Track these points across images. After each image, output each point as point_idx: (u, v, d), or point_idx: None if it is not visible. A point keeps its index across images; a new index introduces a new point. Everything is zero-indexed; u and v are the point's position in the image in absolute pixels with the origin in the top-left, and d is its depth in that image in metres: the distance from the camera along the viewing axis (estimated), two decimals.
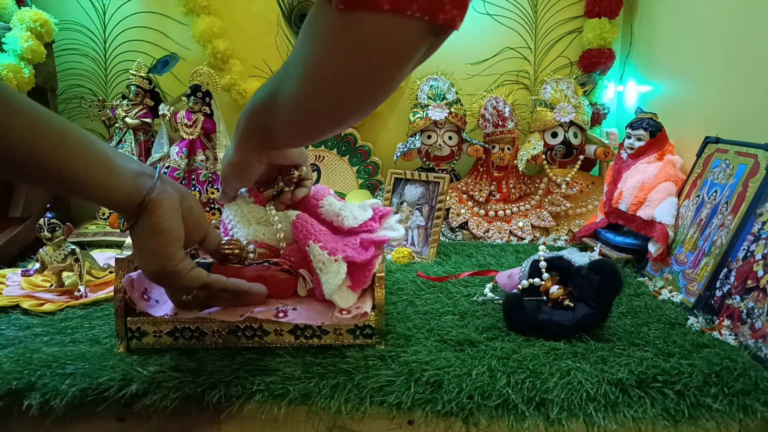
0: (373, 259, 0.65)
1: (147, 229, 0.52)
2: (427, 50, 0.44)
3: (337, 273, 0.61)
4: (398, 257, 0.98)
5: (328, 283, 0.61)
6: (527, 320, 0.68)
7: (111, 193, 0.50)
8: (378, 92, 0.47)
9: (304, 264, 0.66)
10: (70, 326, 0.70)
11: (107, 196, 0.51)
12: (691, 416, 0.55)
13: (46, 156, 0.47)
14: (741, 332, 0.67)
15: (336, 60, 0.43)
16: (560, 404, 0.55)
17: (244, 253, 0.65)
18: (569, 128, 1.19)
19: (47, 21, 1.08)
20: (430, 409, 0.55)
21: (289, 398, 0.56)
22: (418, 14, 0.38)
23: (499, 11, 1.30)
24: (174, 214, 0.53)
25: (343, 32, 0.41)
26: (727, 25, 0.91)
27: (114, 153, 0.53)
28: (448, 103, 1.19)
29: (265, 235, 0.69)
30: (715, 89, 0.95)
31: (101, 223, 1.18)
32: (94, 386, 0.56)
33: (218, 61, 1.25)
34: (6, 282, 0.83)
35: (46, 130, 0.47)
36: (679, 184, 0.93)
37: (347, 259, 0.62)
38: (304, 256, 0.66)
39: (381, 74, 0.44)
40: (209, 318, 0.62)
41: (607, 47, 1.26)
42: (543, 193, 1.22)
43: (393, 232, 0.70)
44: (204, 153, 1.15)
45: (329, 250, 0.62)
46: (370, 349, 0.63)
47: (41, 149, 0.47)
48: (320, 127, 0.53)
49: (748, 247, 0.71)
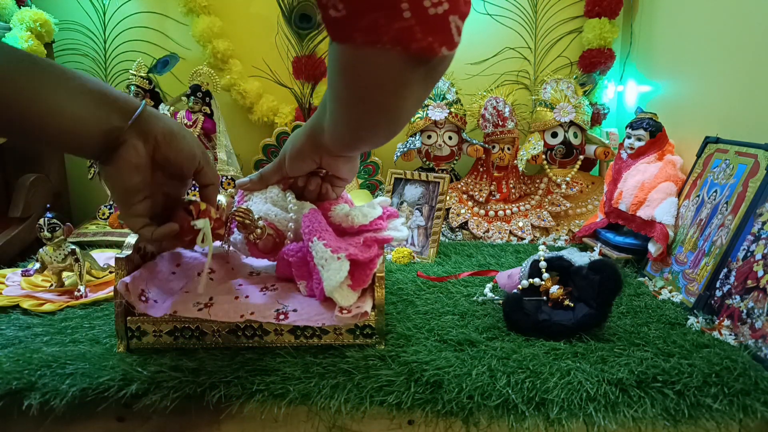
0: (375, 258, 0.65)
1: (107, 175, 0.54)
2: (426, 78, 0.44)
3: (339, 270, 0.61)
4: (398, 257, 0.98)
5: (329, 280, 0.61)
6: (527, 320, 0.68)
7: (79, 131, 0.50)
8: (387, 120, 0.49)
9: (303, 265, 0.66)
10: (70, 326, 0.70)
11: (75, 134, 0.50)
12: (691, 416, 0.55)
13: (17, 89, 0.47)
14: (741, 332, 0.67)
15: (342, 87, 0.47)
16: (560, 404, 0.55)
17: (253, 225, 0.65)
18: (569, 128, 1.19)
19: (47, 21, 1.08)
20: (430, 409, 0.55)
21: (289, 398, 0.56)
22: (389, 45, 0.38)
23: (499, 11, 1.30)
24: (128, 170, 0.53)
25: (337, 62, 0.44)
26: (727, 25, 0.91)
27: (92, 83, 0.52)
28: (448, 103, 1.19)
29: (276, 217, 0.69)
30: (715, 89, 0.95)
31: (101, 223, 1.18)
32: (94, 386, 0.56)
33: (218, 61, 1.25)
34: (6, 282, 0.83)
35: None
36: (679, 184, 0.93)
37: (350, 257, 0.62)
38: (303, 257, 0.66)
39: (380, 102, 0.46)
40: (209, 318, 0.62)
41: (607, 47, 1.26)
42: (543, 193, 1.22)
43: (397, 233, 0.70)
44: None
45: (333, 248, 0.62)
46: (370, 349, 0.63)
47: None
48: (350, 144, 0.58)
49: (748, 247, 0.71)
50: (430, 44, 0.39)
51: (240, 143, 1.26)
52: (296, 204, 0.68)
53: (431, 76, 0.45)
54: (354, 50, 0.41)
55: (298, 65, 1.27)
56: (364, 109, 0.48)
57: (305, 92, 1.28)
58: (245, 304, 0.64)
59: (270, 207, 0.69)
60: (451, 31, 0.39)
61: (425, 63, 0.42)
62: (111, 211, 1.18)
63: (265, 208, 0.69)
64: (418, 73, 0.43)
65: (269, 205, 0.69)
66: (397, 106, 0.47)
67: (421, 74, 0.43)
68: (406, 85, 0.44)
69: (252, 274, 0.73)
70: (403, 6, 0.37)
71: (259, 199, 0.70)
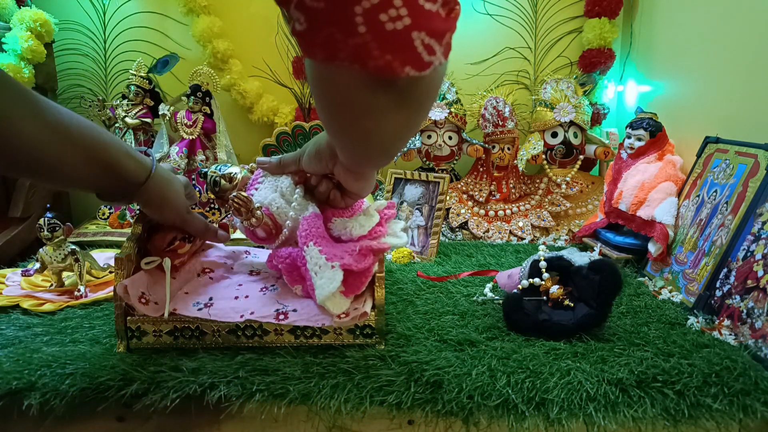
0: (370, 267, 0.63)
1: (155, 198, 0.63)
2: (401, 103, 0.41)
3: (332, 280, 0.59)
4: (398, 257, 0.98)
5: (321, 289, 0.59)
6: (527, 320, 0.68)
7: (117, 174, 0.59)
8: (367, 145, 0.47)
9: (293, 270, 0.66)
10: (70, 326, 0.70)
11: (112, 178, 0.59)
12: (691, 416, 0.55)
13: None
14: (741, 332, 0.67)
15: (317, 103, 0.45)
16: (560, 404, 0.55)
17: (248, 213, 0.65)
18: (569, 128, 1.19)
19: (47, 21, 1.08)
20: (430, 409, 0.56)
21: (289, 398, 0.56)
22: (347, 62, 0.36)
23: (499, 11, 1.30)
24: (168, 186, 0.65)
25: (310, 77, 0.42)
26: (727, 25, 0.91)
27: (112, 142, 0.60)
28: (448, 103, 1.19)
29: (278, 208, 0.68)
30: (715, 89, 0.95)
31: (101, 223, 1.18)
32: (94, 386, 0.56)
33: (218, 61, 1.25)
34: (6, 282, 0.83)
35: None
36: (679, 184, 0.93)
37: (344, 267, 0.60)
38: (293, 262, 0.65)
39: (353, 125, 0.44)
40: (209, 318, 0.62)
41: (607, 47, 1.26)
42: (543, 193, 1.22)
43: (395, 240, 0.69)
44: (204, 153, 1.15)
45: (328, 255, 0.61)
46: (370, 349, 0.63)
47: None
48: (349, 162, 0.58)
49: (748, 247, 0.71)
50: (389, 63, 0.35)
51: (240, 143, 1.26)
52: (300, 203, 0.67)
53: (405, 100, 0.41)
54: (318, 66, 0.39)
55: (298, 65, 1.27)
56: (339, 129, 0.47)
57: (305, 92, 1.28)
58: (245, 304, 0.64)
59: (276, 197, 0.68)
60: (417, 50, 0.35)
61: (390, 84, 0.38)
62: (111, 211, 1.18)
63: (271, 196, 0.68)
64: (385, 95, 0.39)
65: (276, 195, 0.68)
66: (371, 130, 0.43)
67: (392, 98, 0.40)
68: (376, 108, 0.41)
69: (252, 273, 0.73)
70: (358, 20, 0.34)
71: (270, 186, 0.69)
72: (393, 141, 0.46)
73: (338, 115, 0.44)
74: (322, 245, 0.62)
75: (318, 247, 0.62)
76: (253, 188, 0.71)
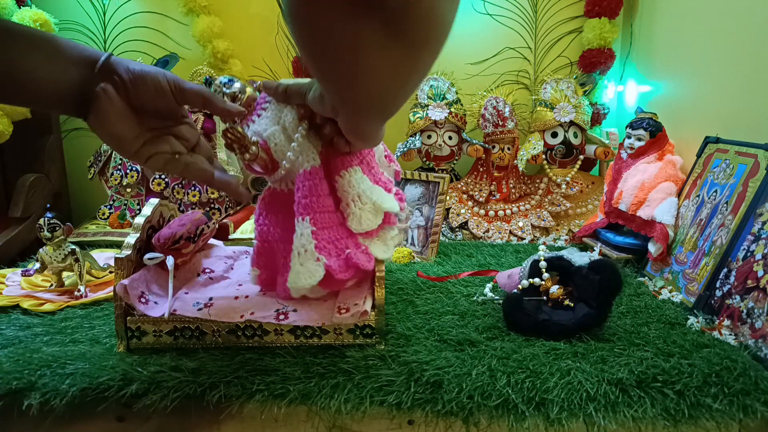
0: (349, 280, 0.63)
1: (92, 127, 0.53)
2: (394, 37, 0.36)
3: (312, 276, 0.58)
4: (398, 257, 0.98)
5: (297, 279, 0.57)
6: (527, 320, 0.68)
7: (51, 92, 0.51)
8: (350, 87, 0.42)
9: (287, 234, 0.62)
10: (70, 326, 0.70)
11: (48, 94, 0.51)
12: (691, 416, 0.55)
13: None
14: (741, 332, 0.67)
15: (297, 42, 0.41)
16: (560, 404, 0.55)
17: (243, 149, 0.59)
18: (569, 128, 1.19)
19: (47, 21, 1.08)
20: (430, 409, 0.55)
21: (289, 398, 0.56)
22: None
23: (499, 11, 1.30)
24: (107, 118, 0.52)
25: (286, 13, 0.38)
26: (727, 25, 0.91)
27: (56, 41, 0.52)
28: (448, 103, 1.19)
29: (276, 145, 0.61)
30: (715, 89, 0.95)
31: (101, 223, 1.18)
32: (94, 386, 0.56)
33: (218, 61, 1.25)
34: (6, 282, 0.83)
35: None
36: (679, 184, 0.93)
37: (328, 268, 0.59)
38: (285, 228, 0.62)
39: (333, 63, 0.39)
40: (209, 318, 0.62)
41: (607, 47, 1.26)
42: (543, 193, 1.22)
43: (381, 253, 0.65)
44: None
45: (318, 242, 0.59)
46: (370, 349, 0.63)
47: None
48: (342, 113, 0.53)
49: (748, 247, 0.71)
50: None
51: None
52: (301, 144, 0.60)
53: (395, 33, 0.35)
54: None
55: (298, 65, 1.27)
56: (323, 73, 0.41)
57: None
58: (245, 304, 0.64)
59: (277, 130, 0.61)
60: None
61: (375, 6, 0.33)
62: (111, 211, 1.18)
63: (272, 129, 0.62)
64: (370, 25, 0.34)
65: (278, 128, 0.62)
66: (356, 73, 0.38)
67: (378, 28, 0.34)
68: (360, 41, 0.36)
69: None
70: None
71: (273, 115, 0.63)
72: (385, 88, 0.40)
73: (321, 56, 0.39)
74: (317, 225, 0.60)
75: (312, 227, 0.59)
76: (255, 114, 0.64)
